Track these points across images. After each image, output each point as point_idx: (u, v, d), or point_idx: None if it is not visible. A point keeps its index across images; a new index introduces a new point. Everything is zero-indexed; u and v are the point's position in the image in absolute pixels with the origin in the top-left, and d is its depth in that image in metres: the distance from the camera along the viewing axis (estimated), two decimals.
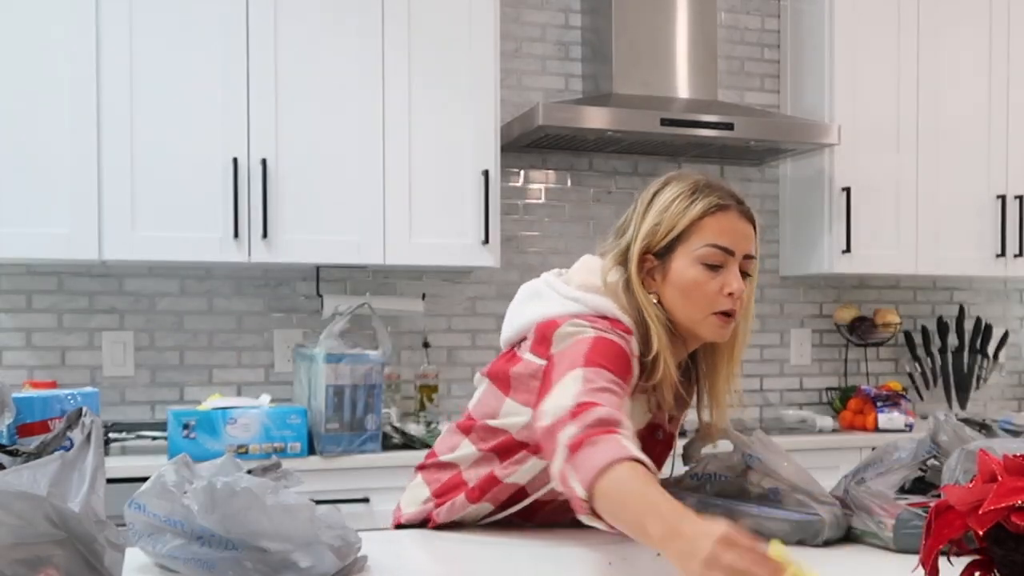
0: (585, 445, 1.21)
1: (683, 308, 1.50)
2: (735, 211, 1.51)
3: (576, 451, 1.21)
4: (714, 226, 1.49)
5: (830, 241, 3.47)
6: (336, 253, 2.97)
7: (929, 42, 3.53)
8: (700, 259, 1.49)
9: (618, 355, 1.41)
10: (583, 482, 1.18)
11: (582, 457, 1.20)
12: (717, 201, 1.49)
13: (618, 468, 1.17)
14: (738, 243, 1.50)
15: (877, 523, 1.42)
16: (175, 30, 2.83)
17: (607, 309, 1.49)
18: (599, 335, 1.43)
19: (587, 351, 1.39)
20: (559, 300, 1.53)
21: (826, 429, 3.38)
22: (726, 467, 1.58)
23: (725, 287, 1.49)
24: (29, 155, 2.72)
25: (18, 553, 0.92)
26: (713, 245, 1.48)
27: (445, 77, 3.05)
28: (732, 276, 1.49)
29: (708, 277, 1.49)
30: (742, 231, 1.51)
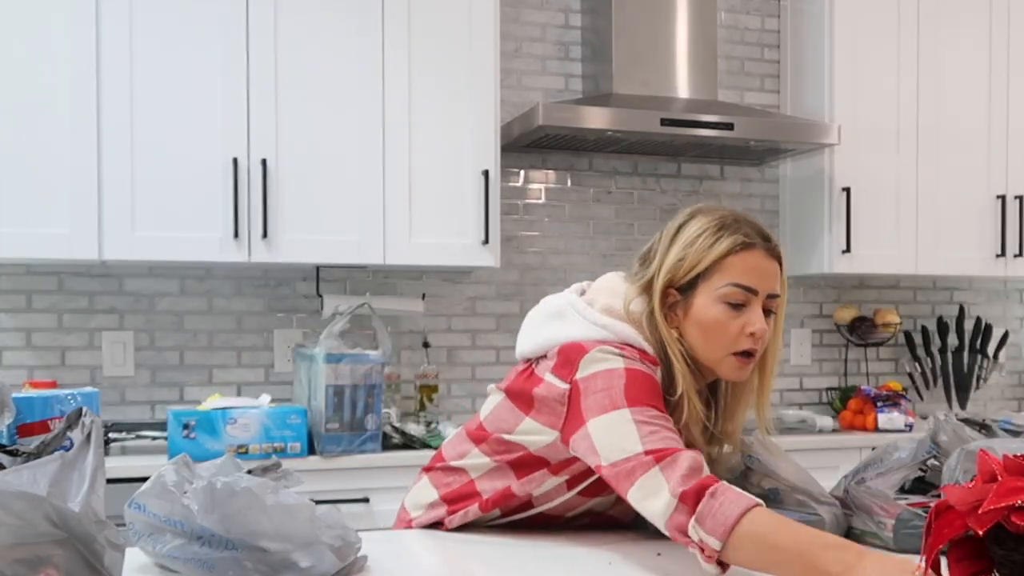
0: (706, 497, 1.24)
1: (703, 346, 1.48)
2: (761, 249, 1.48)
3: (693, 503, 1.24)
4: (738, 265, 1.46)
5: (830, 241, 3.47)
6: (336, 253, 2.97)
7: (929, 42, 3.53)
8: (723, 298, 1.46)
9: (653, 388, 1.41)
10: (717, 534, 1.21)
11: (707, 510, 1.23)
12: (743, 239, 1.47)
13: (754, 515, 1.21)
14: (762, 282, 1.47)
15: (877, 523, 1.43)
16: (175, 30, 2.83)
17: (633, 339, 1.47)
18: (630, 366, 1.42)
19: (625, 387, 1.38)
20: (584, 324, 1.50)
21: (826, 429, 3.38)
22: (726, 468, 1.58)
23: (747, 327, 1.46)
24: (29, 155, 2.72)
25: (18, 553, 0.92)
26: (736, 284, 1.45)
27: (445, 77, 3.05)
28: (755, 316, 1.46)
29: (730, 316, 1.46)
30: (767, 269, 1.48)
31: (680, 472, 1.27)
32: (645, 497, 1.30)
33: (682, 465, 1.28)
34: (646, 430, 1.34)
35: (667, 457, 1.30)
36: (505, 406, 1.54)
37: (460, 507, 1.56)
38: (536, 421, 1.48)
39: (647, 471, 1.30)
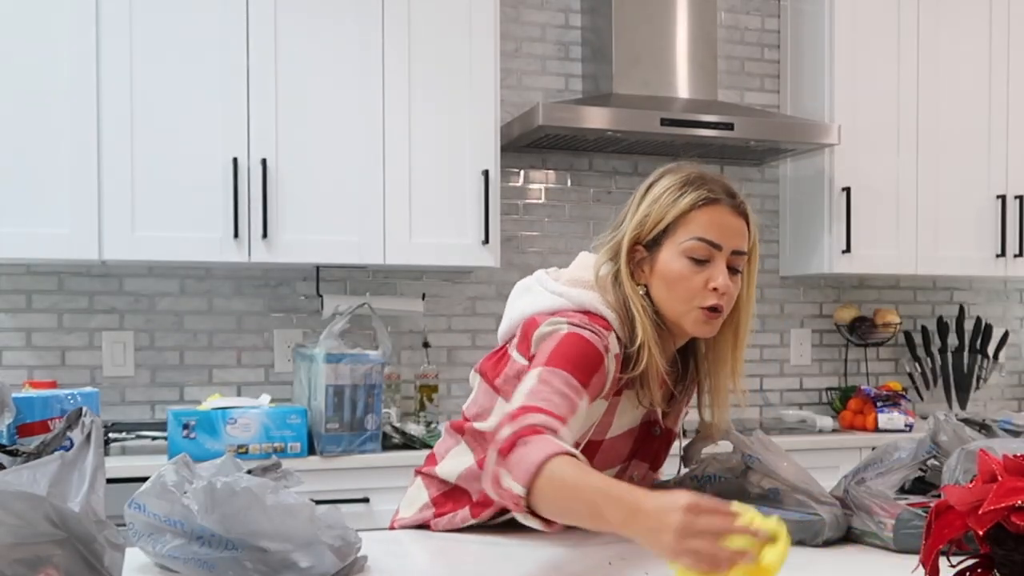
0: (517, 446, 1.22)
1: (668, 301, 1.49)
2: (725, 205, 1.49)
3: (508, 453, 1.22)
4: (702, 219, 1.48)
5: (830, 241, 3.47)
6: (336, 253, 2.97)
7: (929, 42, 3.53)
8: (686, 252, 1.47)
9: (584, 353, 1.40)
10: (520, 480, 1.19)
11: (516, 457, 1.21)
12: (707, 194, 1.49)
13: (556, 462, 1.18)
14: (726, 238, 1.48)
15: (877, 523, 1.43)
16: (175, 30, 2.83)
17: (589, 303, 1.49)
18: (571, 331, 1.42)
19: (552, 350, 1.39)
20: (546, 295, 1.53)
21: (826, 429, 3.38)
22: (726, 468, 1.58)
23: (710, 281, 1.47)
24: (29, 155, 2.72)
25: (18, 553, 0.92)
26: (699, 239, 1.47)
27: (445, 77, 3.05)
28: (718, 271, 1.47)
29: (693, 271, 1.47)
30: (731, 226, 1.49)
31: (519, 426, 1.25)
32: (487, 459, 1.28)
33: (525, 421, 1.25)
34: (538, 388, 1.33)
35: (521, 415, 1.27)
36: (482, 388, 1.57)
37: (448, 510, 1.57)
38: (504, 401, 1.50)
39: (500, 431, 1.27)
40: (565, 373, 1.36)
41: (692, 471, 1.62)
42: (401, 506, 1.66)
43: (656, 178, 1.55)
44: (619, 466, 1.57)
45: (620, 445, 1.55)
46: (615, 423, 1.52)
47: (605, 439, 1.52)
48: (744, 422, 3.64)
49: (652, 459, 1.61)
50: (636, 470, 1.60)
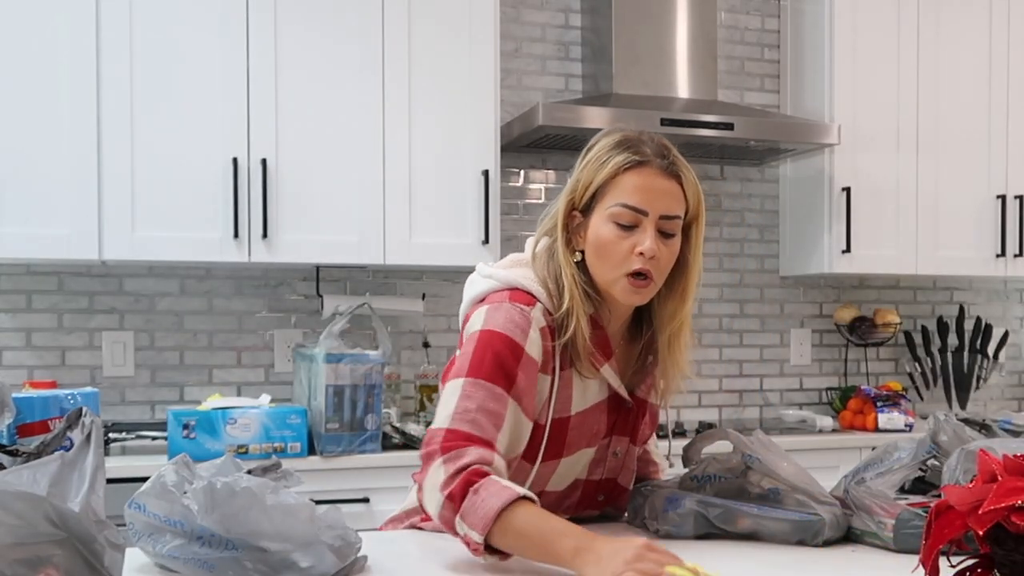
0: (469, 494, 1.28)
1: (598, 268, 1.47)
2: (654, 167, 1.44)
3: (459, 500, 1.29)
4: (627, 184, 1.44)
5: (830, 241, 3.47)
6: (336, 253, 2.97)
7: (929, 42, 3.53)
8: (612, 218, 1.44)
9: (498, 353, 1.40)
10: (478, 528, 1.27)
11: (470, 506, 1.28)
12: (632, 157, 1.44)
13: (512, 511, 1.26)
14: (651, 202, 1.43)
15: (877, 523, 1.42)
16: (175, 30, 2.83)
17: (515, 280, 1.49)
18: (483, 330, 1.43)
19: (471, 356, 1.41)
20: (479, 281, 1.55)
21: (826, 429, 3.38)
22: (726, 468, 1.58)
23: (636, 247, 1.43)
24: (29, 155, 2.72)
25: (18, 553, 0.92)
26: (623, 204, 1.43)
27: (445, 77, 3.05)
28: (644, 236, 1.43)
29: (620, 236, 1.44)
30: (660, 188, 1.44)
31: (454, 469, 1.31)
32: (426, 490, 1.35)
33: (460, 462, 1.31)
34: (463, 406, 1.37)
35: (455, 450, 1.33)
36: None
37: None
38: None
39: (433, 462, 1.34)
40: (485, 383, 1.38)
41: (692, 471, 1.62)
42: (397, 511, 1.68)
43: (594, 141, 1.51)
44: (599, 443, 1.56)
45: (592, 420, 1.53)
46: (576, 398, 1.50)
47: (572, 415, 1.50)
48: (744, 422, 3.65)
49: (631, 432, 1.59)
50: (618, 445, 1.58)
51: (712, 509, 1.50)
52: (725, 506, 1.50)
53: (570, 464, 1.54)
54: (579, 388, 1.50)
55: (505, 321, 1.43)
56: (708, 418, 3.66)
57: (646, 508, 1.55)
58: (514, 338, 1.42)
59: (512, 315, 1.44)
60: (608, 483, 1.61)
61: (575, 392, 1.50)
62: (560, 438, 1.48)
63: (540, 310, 1.46)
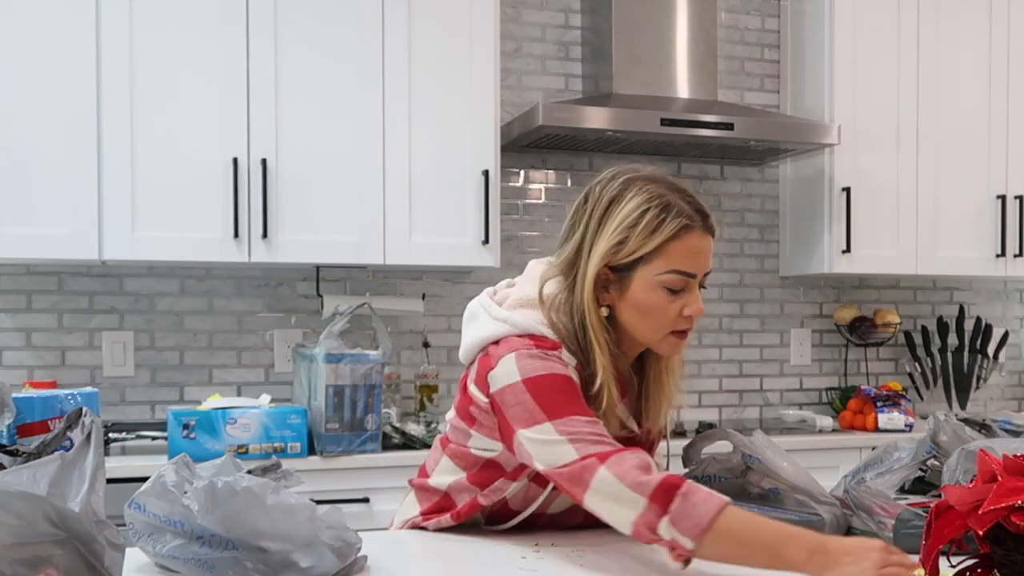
0: (677, 498, 1.26)
1: (641, 328, 1.48)
2: (699, 230, 1.46)
3: (666, 503, 1.26)
4: (679, 250, 1.44)
5: (830, 241, 3.47)
6: (336, 253, 2.97)
7: (929, 42, 3.53)
8: (663, 284, 1.44)
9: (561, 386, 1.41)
10: (691, 534, 1.25)
11: (679, 509, 1.26)
12: (686, 222, 1.44)
13: (727, 514, 1.25)
14: (700, 264, 1.46)
15: (877, 523, 1.43)
16: (175, 30, 2.83)
17: (532, 327, 1.47)
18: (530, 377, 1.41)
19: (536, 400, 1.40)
20: (490, 322, 1.52)
21: (826, 429, 3.38)
22: (726, 469, 1.58)
23: (686, 309, 1.46)
24: (29, 155, 2.72)
25: (18, 553, 0.92)
26: (677, 271, 1.44)
27: (445, 77, 3.05)
28: (692, 298, 1.46)
29: (669, 301, 1.45)
30: (705, 249, 1.47)
31: (634, 473, 1.30)
32: (605, 500, 1.32)
33: (630, 463, 1.31)
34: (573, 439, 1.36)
35: (610, 457, 1.32)
36: (455, 422, 1.56)
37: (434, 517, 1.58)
38: (480, 434, 1.50)
39: (594, 473, 1.32)
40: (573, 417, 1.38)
41: (692, 471, 1.62)
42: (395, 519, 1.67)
43: (619, 191, 1.47)
44: None
45: None
46: None
47: None
48: (744, 422, 3.65)
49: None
50: None
51: None
52: None
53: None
54: None
55: (545, 364, 1.43)
56: (708, 418, 3.66)
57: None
58: (564, 374, 1.43)
59: (549, 359, 1.44)
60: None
61: None
62: None
63: (566, 352, 1.46)
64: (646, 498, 1.27)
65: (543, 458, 1.38)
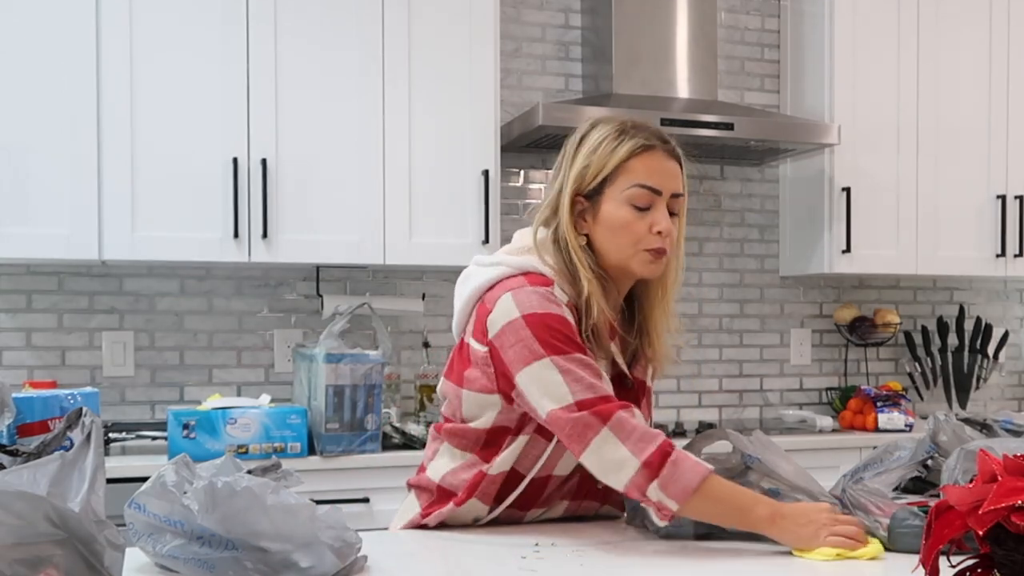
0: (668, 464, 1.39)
1: (614, 247, 1.54)
2: (661, 151, 1.54)
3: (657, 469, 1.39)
4: (641, 167, 1.52)
5: (830, 241, 3.47)
6: (336, 253, 2.97)
7: (929, 42, 3.53)
8: (629, 200, 1.52)
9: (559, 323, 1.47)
10: (677, 498, 1.39)
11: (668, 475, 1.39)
12: (643, 142, 1.53)
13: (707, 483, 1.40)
14: (665, 182, 1.53)
15: (873, 522, 1.43)
16: (175, 30, 2.83)
17: (527, 264, 1.55)
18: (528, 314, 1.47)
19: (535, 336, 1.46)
20: (485, 270, 1.59)
21: (826, 429, 3.38)
22: (725, 469, 1.57)
23: (654, 226, 1.53)
24: (29, 155, 2.72)
25: (18, 553, 0.92)
26: (640, 185, 1.52)
27: (445, 77, 3.05)
28: (660, 215, 1.53)
29: (637, 217, 1.53)
30: (668, 170, 1.55)
31: (635, 436, 1.41)
32: (602, 461, 1.42)
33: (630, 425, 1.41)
34: (571, 378, 1.44)
35: (610, 416, 1.41)
36: (449, 386, 1.60)
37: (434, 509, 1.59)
38: (472, 391, 1.53)
39: (597, 433, 1.41)
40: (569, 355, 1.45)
41: None
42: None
43: (588, 128, 1.58)
44: None
45: None
46: None
47: None
48: (744, 422, 3.65)
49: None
50: None
51: None
52: None
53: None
54: None
55: (540, 301, 1.49)
56: (708, 418, 3.66)
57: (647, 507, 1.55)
58: (560, 314, 1.49)
59: (542, 295, 1.50)
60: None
61: None
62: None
63: (559, 290, 1.52)
64: (640, 462, 1.39)
65: (540, 400, 1.44)
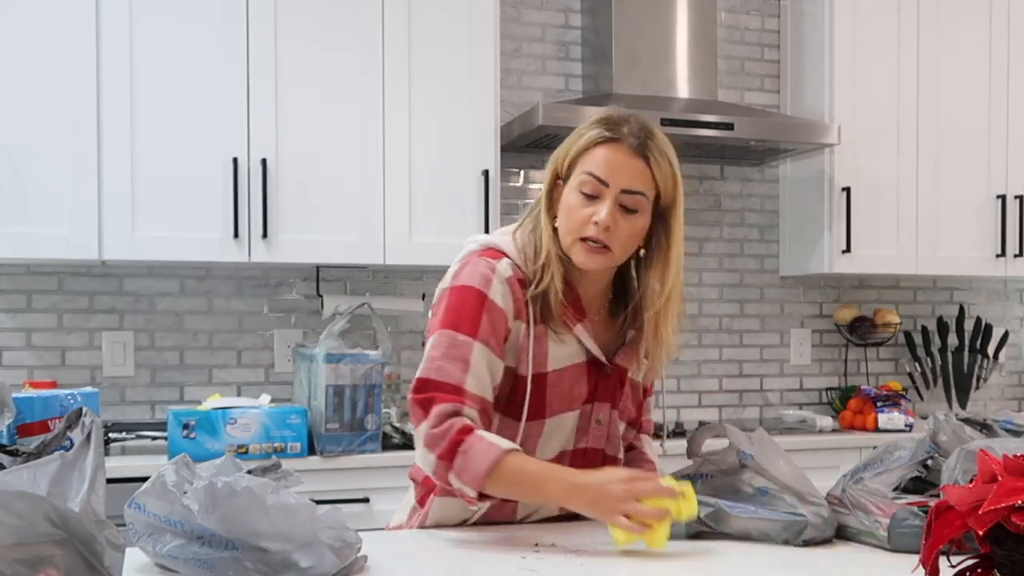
0: (459, 454, 1.43)
1: (563, 231, 1.56)
2: (624, 144, 1.52)
3: (449, 460, 1.44)
4: (596, 156, 1.53)
5: (830, 241, 3.47)
6: (336, 253, 2.97)
7: (929, 42, 3.53)
8: (579, 186, 1.54)
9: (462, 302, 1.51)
10: (473, 484, 1.43)
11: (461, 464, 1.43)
12: (607, 133, 1.53)
13: (500, 466, 1.42)
14: (615, 176, 1.51)
15: (872, 522, 1.42)
16: (175, 30, 2.83)
17: (491, 241, 1.59)
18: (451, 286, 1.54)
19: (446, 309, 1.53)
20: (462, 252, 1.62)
21: (826, 429, 3.38)
22: (719, 469, 1.57)
23: (594, 216, 1.51)
24: (30, 155, 2.72)
25: (18, 553, 0.92)
26: (590, 173, 1.52)
27: (445, 77, 3.05)
28: (602, 207, 1.51)
29: (582, 204, 1.53)
30: (625, 165, 1.52)
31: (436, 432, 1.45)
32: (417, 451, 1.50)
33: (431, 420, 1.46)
34: (432, 355, 1.50)
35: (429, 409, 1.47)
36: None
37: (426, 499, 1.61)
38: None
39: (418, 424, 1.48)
40: (449, 332, 1.50)
41: (683, 471, 1.62)
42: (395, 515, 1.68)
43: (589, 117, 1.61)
44: (580, 407, 1.60)
45: (571, 381, 1.58)
46: (552, 354, 1.56)
47: (548, 371, 1.55)
48: (744, 422, 3.65)
49: (612, 399, 1.64)
50: (600, 412, 1.62)
51: (703, 508, 1.50)
52: (717, 506, 1.50)
53: (555, 427, 1.58)
54: (555, 345, 1.56)
55: (469, 273, 1.54)
56: (708, 418, 3.66)
57: None
58: (476, 286, 1.53)
59: (477, 267, 1.54)
60: (595, 454, 1.63)
61: (551, 349, 1.56)
62: (540, 395, 1.55)
63: (507, 264, 1.55)
64: (435, 457, 1.45)
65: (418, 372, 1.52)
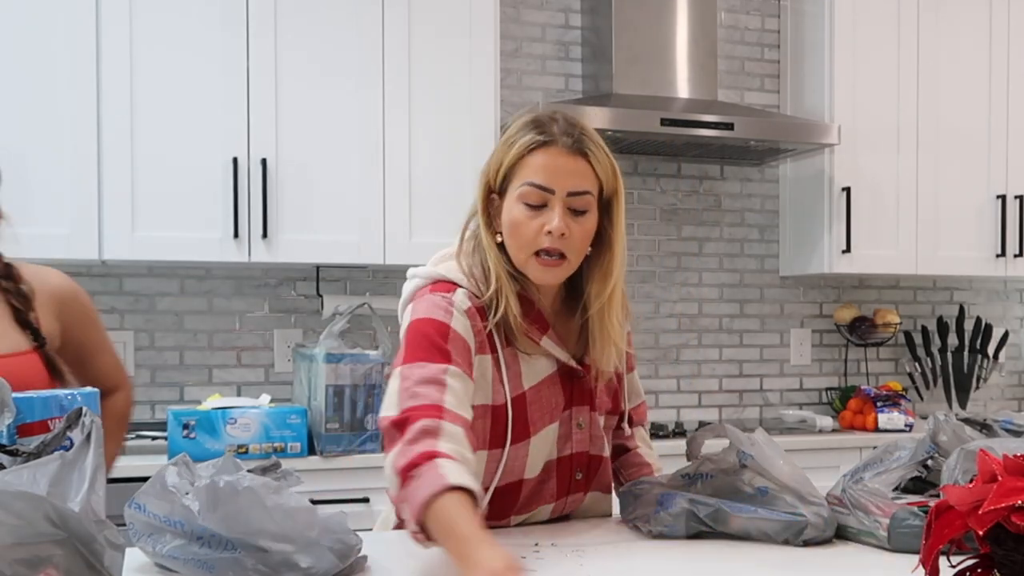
0: (412, 479, 1.27)
1: (513, 249, 1.50)
2: (559, 146, 1.46)
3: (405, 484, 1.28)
4: (534, 163, 1.46)
5: (830, 241, 3.47)
6: (336, 253, 2.97)
7: (929, 42, 3.53)
8: (521, 198, 1.47)
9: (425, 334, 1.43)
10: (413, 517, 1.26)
11: (409, 492, 1.27)
12: (538, 138, 1.47)
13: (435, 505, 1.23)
14: (558, 180, 1.46)
15: (872, 522, 1.42)
16: (175, 30, 2.83)
17: (437, 273, 1.54)
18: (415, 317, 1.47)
19: (406, 347, 1.44)
20: (408, 285, 1.58)
21: (826, 429, 3.38)
22: (720, 469, 1.57)
23: (545, 225, 1.45)
24: (29, 155, 2.72)
25: (18, 553, 0.92)
26: (530, 183, 1.46)
27: (445, 77, 3.05)
28: (552, 214, 1.45)
29: (529, 216, 1.47)
30: (566, 166, 1.46)
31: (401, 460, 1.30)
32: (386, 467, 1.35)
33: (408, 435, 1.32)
34: (402, 387, 1.38)
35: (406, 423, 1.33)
36: None
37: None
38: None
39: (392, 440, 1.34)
40: (419, 364, 1.40)
41: (682, 470, 1.62)
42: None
43: (510, 122, 1.54)
44: (560, 416, 1.58)
45: (548, 393, 1.55)
46: (525, 373, 1.53)
47: (526, 390, 1.53)
48: (744, 422, 3.65)
49: (590, 400, 1.61)
50: (580, 415, 1.60)
51: (703, 508, 1.50)
52: (717, 505, 1.50)
53: (540, 443, 1.55)
54: (526, 363, 1.53)
55: (427, 308, 1.47)
56: (708, 418, 3.66)
57: (637, 508, 1.56)
58: (437, 318, 1.45)
59: (433, 301, 1.48)
60: (580, 457, 1.61)
61: (523, 368, 1.53)
62: (522, 416, 1.51)
63: (463, 294, 1.49)
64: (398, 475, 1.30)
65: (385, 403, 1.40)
